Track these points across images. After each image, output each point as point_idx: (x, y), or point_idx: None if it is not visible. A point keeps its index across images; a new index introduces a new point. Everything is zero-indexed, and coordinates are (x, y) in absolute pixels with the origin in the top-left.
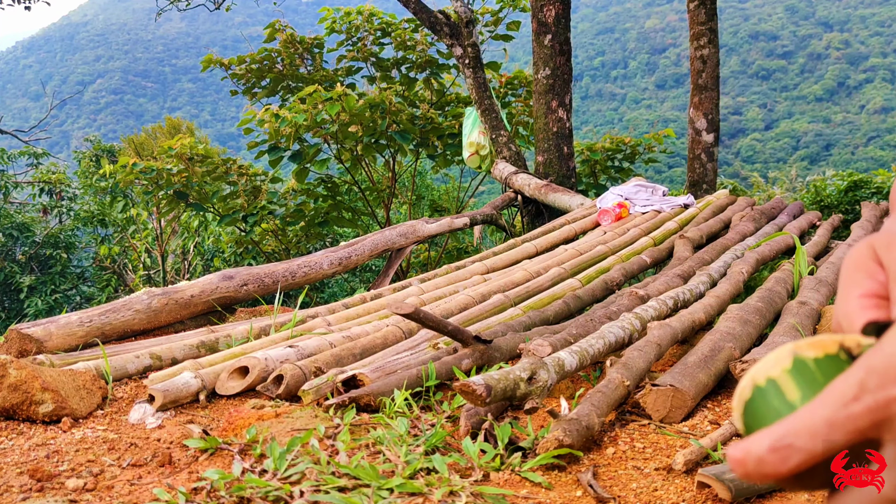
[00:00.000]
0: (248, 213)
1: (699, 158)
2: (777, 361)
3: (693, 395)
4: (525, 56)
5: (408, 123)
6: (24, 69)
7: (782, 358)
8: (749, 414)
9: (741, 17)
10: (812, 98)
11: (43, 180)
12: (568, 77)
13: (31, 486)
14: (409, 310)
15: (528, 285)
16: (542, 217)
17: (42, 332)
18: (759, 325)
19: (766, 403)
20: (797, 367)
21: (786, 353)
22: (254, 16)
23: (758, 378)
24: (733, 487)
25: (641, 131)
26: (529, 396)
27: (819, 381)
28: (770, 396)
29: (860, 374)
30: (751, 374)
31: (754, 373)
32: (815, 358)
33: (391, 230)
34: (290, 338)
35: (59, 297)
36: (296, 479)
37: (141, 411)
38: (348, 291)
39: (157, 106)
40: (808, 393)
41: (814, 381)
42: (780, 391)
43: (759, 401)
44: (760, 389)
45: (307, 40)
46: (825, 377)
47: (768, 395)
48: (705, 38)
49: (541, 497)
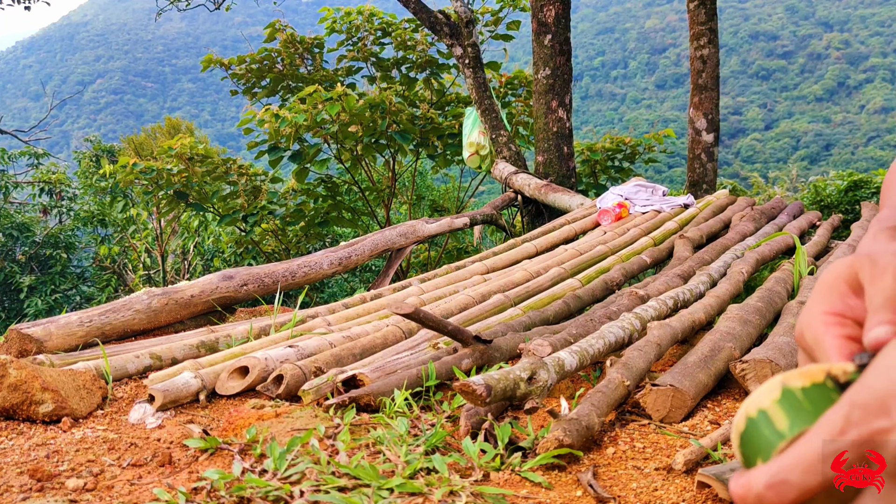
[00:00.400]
0: (248, 213)
1: (699, 158)
2: (767, 393)
3: (693, 395)
4: (525, 56)
5: (408, 123)
6: (24, 69)
7: (772, 389)
8: (744, 444)
9: (741, 17)
10: (812, 98)
11: (43, 180)
12: (568, 77)
13: (31, 486)
14: (409, 310)
15: (528, 285)
16: (542, 217)
17: (42, 332)
18: (759, 325)
19: (758, 434)
20: (786, 397)
21: (775, 384)
22: (254, 16)
23: (750, 410)
24: None
25: (641, 131)
26: (529, 396)
27: (807, 410)
28: (761, 427)
29: (845, 409)
30: (744, 406)
31: (747, 404)
32: (803, 387)
33: (391, 230)
34: (290, 338)
35: (59, 297)
36: (296, 479)
37: (141, 411)
38: (348, 291)
39: (157, 106)
40: (796, 421)
41: (801, 410)
42: (770, 421)
43: (752, 431)
44: (752, 420)
45: (307, 40)
46: (812, 405)
47: (760, 426)
48: (705, 38)
49: (541, 497)
